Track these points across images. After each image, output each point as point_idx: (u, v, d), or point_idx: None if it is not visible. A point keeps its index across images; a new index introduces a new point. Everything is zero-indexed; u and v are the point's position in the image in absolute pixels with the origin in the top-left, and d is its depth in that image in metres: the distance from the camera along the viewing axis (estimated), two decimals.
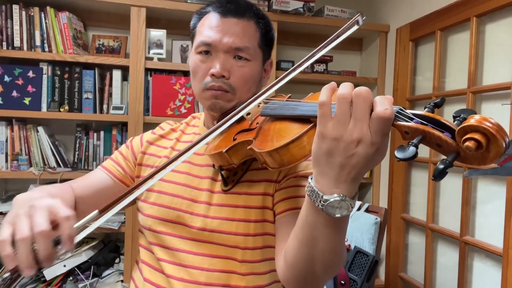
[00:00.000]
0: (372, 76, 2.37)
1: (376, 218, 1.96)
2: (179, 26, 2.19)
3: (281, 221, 0.82)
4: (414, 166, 2.12)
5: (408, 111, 0.53)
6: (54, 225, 0.60)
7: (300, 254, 0.66)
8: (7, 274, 0.58)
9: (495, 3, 1.54)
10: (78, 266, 1.92)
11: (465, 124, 0.47)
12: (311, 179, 0.59)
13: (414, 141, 0.50)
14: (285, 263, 0.71)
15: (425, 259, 1.92)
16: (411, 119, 0.52)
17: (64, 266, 1.89)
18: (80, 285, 1.90)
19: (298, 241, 0.66)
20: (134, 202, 0.98)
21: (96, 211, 0.66)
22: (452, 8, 1.78)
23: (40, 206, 0.60)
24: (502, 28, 1.59)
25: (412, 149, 0.49)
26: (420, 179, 2.07)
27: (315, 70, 2.25)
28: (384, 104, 0.52)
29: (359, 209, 2.11)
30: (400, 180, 2.14)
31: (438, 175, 0.48)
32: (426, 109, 0.53)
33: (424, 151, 1.90)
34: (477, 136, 0.46)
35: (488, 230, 1.61)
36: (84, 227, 0.63)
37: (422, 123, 0.51)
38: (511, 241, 1.43)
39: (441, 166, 0.47)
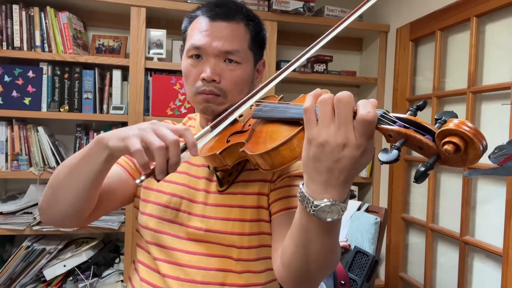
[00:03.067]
0: (372, 76, 2.37)
1: (376, 218, 1.96)
2: (179, 26, 2.15)
3: (276, 221, 0.83)
4: (414, 166, 2.12)
5: (391, 114, 0.54)
6: None
7: (295, 255, 0.67)
8: (143, 177, 0.66)
9: (495, 3, 1.54)
10: (78, 266, 1.92)
11: (444, 128, 0.48)
12: (302, 185, 0.60)
13: (397, 144, 0.51)
14: (282, 263, 0.72)
15: (425, 259, 1.92)
16: (394, 122, 0.53)
17: (64, 266, 1.89)
18: (80, 285, 1.90)
19: (293, 242, 0.67)
20: (132, 200, 0.99)
21: (208, 127, 0.75)
22: (452, 8, 1.78)
23: (162, 124, 0.69)
24: (502, 28, 1.59)
25: (394, 152, 0.50)
26: None
27: (315, 70, 2.24)
28: (367, 107, 0.53)
29: (359, 209, 2.11)
30: (400, 180, 2.14)
31: (420, 177, 0.49)
32: (409, 112, 0.54)
33: None
34: (455, 139, 0.47)
35: (488, 230, 1.61)
36: (200, 137, 0.73)
37: (404, 126, 0.52)
38: (511, 241, 1.43)
39: (422, 169, 0.49)
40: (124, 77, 2.08)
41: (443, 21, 1.84)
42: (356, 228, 1.99)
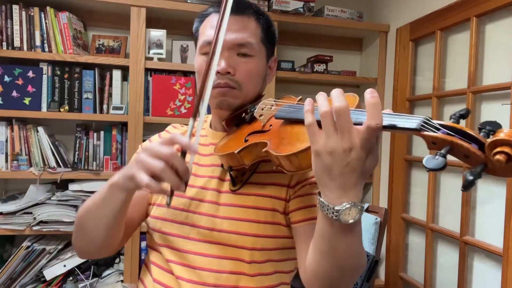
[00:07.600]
0: (372, 76, 2.37)
1: (376, 218, 1.95)
2: (179, 26, 2.18)
3: (298, 231, 0.83)
4: (414, 166, 2.12)
5: (434, 121, 0.54)
6: None
7: (323, 264, 0.68)
8: (168, 199, 0.71)
9: (495, 3, 1.54)
10: (78, 266, 1.92)
11: (495, 138, 0.49)
12: (319, 194, 0.62)
13: (442, 151, 0.51)
14: (311, 273, 0.73)
15: (425, 259, 1.92)
16: (438, 129, 0.53)
17: (64, 266, 1.89)
18: (80, 285, 1.90)
19: (319, 252, 0.68)
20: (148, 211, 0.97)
21: (191, 119, 0.74)
22: (452, 8, 1.78)
23: (148, 146, 0.70)
24: (502, 28, 1.59)
25: (441, 159, 0.50)
26: (420, 179, 2.07)
27: (315, 70, 2.24)
28: (375, 118, 0.55)
29: None
30: (400, 180, 2.14)
31: (467, 186, 0.50)
32: (452, 119, 0.55)
33: (423, 151, 1.90)
34: (507, 149, 0.48)
35: (488, 230, 1.61)
36: (189, 135, 0.73)
37: (449, 134, 0.52)
38: (511, 241, 1.43)
39: (471, 178, 0.49)
40: (124, 77, 2.08)
41: (443, 21, 1.84)
42: None
